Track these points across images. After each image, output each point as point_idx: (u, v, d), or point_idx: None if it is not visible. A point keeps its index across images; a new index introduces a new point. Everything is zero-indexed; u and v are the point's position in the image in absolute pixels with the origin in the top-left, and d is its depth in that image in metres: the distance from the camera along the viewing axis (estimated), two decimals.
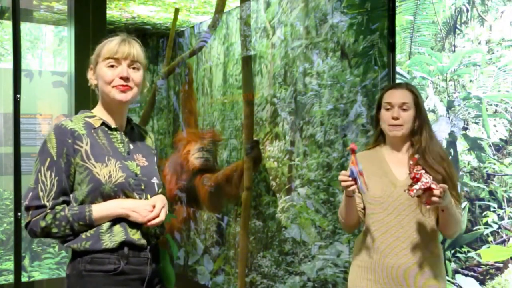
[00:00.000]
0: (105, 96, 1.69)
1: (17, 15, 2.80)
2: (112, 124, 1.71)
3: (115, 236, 1.60)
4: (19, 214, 2.76)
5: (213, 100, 4.45)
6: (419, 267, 1.88)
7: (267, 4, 3.74)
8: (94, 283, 1.59)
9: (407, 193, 1.71)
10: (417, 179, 1.69)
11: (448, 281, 2.38)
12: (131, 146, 1.73)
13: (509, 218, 2.23)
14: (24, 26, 3.95)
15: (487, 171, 2.30)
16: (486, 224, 2.30)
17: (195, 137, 4.57)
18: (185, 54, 4.83)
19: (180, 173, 4.69)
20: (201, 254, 4.52)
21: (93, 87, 1.74)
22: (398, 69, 2.67)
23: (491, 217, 2.28)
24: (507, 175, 2.23)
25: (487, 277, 2.29)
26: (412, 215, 1.89)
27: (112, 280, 1.59)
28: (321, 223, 3.19)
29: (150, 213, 1.63)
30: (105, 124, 1.70)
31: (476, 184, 2.34)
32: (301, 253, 3.36)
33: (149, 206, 1.64)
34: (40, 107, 4.00)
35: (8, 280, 3.75)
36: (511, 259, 2.22)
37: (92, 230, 1.60)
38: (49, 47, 4.12)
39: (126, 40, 1.68)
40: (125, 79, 1.65)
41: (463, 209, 2.35)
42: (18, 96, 2.75)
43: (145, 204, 1.64)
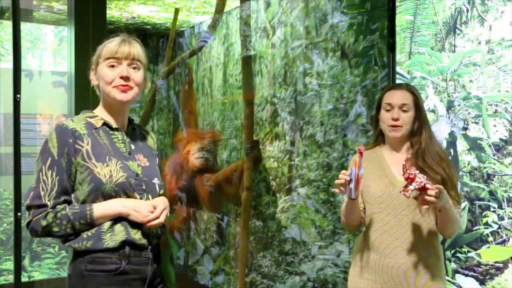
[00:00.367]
0: (106, 96, 1.69)
1: (17, 15, 2.80)
2: (114, 124, 1.71)
3: (116, 235, 1.60)
4: (19, 214, 2.76)
5: (213, 100, 4.45)
6: (419, 267, 1.88)
7: (267, 4, 3.74)
8: (95, 283, 1.59)
9: (402, 192, 1.70)
10: (411, 180, 1.68)
11: (448, 281, 2.38)
12: (133, 146, 1.73)
13: (509, 218, 2.23)
14: (24, 26, 3.95)
15: (487, 171, 2.31)
16: (486, 224, 2.30)
17: (195, 137, 4.57)
18: (185, 54, 4.83)
19: (180, 173, 4.69)
20: (201, 254, 4.52)
21: (95, 88, 1.75)
22: (398, 69, 2.67)
23: (491, 217, 2.28)
24: (507, 175, 2.23)
25: (487, 277, 2.29)
26: (411, 215, 1.89)
27: (114, 280, 1.59)
28: (321, 223, 3.19)
29: (151, 213, 1.63)
30: (106, 124, 1.70)
31: (476, 184, 2.34)
32: (301, 253, 3.36)
33: (150, 206, 1.64)
34: (40, 107, 4.00)
35: (8, 280, 3.75)
36: (511, 259, 2.22)
37: (93, 230, 1.60)
38: (49, 47, 4.13)
39: (126, 40, 1.68)
40: (125, 78, 1.65)
41: (463, 209, 2.35)
42: (18, 96, 2.75)
43: (146, 204, 1.64)
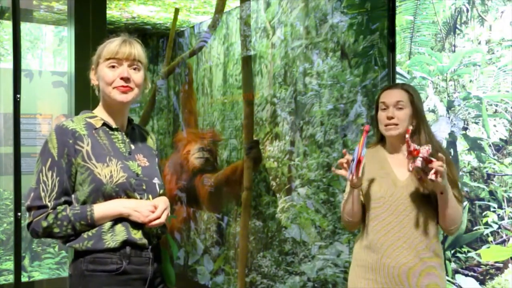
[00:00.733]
0: (106, 96, 1.69)
1: (17, 15, 2.80)
2: (113, 124, 1.71)
3: (117, 236, 1.61)
4: (19, 214, 2.76)
5: (213, 100, 4.45)
6: (419, 267, 1.88)
7: (267, 4, 3.74)
8: (96, 283, 1.59)
9: (411, 167, 1.74)
10: (417, 152, 1.73)
11: (448, 281, 2.38)
12: (132, 146, 1.73)
13: (509, 218, 2.23)
14: (24, 26, 3.95)
15: (487, 171, 2.31)
16: (486, 224, 2.30)
17: (195, 137, 4.57)
18: (185, 54, 4.83)
19: (180, 173, 4.69)
20: (201, 254, 4.52)
21: (95, 88, 1.75)
22: (398, 69, 2.67)
23: (491, 217, 2.28)
24: (507, 175, 2.23)
25: (487, 277, 2.29)
26: (412, 215, 1.89)
27: (114, 280, 1.60)
28: (321, 223, 3.19)
29: (152, 213, 1.63)
30: (106, 125, 1.70)
31: (476, 184, 2.34)
32: (301, 253, 3.36)
33: (151, 206, 1.64)
34: (40, 107, 4.00)
35: (8, 280, 3.75)
36: (511, 259, 2.22)
37: (94, 230, 1.60)
38: (49, 47, 4.13)
39: (127, 41, 1.68)
40: (125, 79, 1.65)
41: (463, 209, 2.35)
42: (18, 96, 2.76)
43: (147, 204, 1.64)
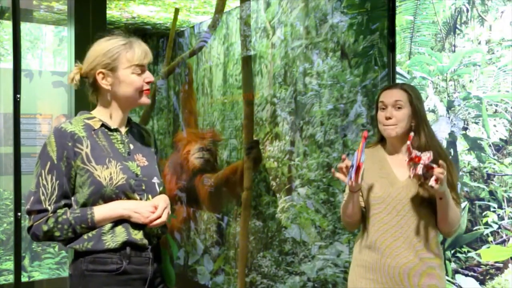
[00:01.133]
0: (128, 100, 1.69)
1: (17, 15, 2.80)
2: (112, 125, 1.71)
3: (117, 237, 1.61)
4: (19, 214, 2.76)
5: (213, 100, 4.45)
6: (420, 267, 1.88)
7: (267, 4, 3.74)
8: (96, 283, 1.59)
9: (412, 174, 1.74)
10: (418, 159, 1.73)
11: (448, 281, 2.38)
12: (131, 146, 1.73)
13: (509, 218, 2.23)
14: (24, 26, 3.95)
15: (487, 171, 2.30)
16: (486, 224, 2.30)
17: (195, 137, 4.57)
18: (185, 54, 4.83)
19: (180, 173, 4.69)
20: (201, 254, 4.52)
21: (103, 91, 1.69)
22: (398, 69, 2.67)
23: (491, 217, 2.28)
24: (507, 175, 2.23)
25: (487, 277, 2.29)
26: (411, 215, 1.89)
27: (115, 280, 1.60)
28: (321, 223, 3.19)
29: (152, 213, 1.63)
30: (104, 126, 1.70)
31: (476, 184, 2.34)
32: (301, 253, 3.35)
33: (151, 207, 1.64)
34: (40, 107, 4.00)
35: (8, 280, 3.75)
36: (511, 259, 2.22)
37: (94, 231, 1.60)
38: (49, 47, 4.13)
39: (142, 45, 1.70)
40: (150, 83, 1.71)
41: (463, 209, 2.35)
42: (18, 96, 2.76)
43: (147, 205, 1.64)
